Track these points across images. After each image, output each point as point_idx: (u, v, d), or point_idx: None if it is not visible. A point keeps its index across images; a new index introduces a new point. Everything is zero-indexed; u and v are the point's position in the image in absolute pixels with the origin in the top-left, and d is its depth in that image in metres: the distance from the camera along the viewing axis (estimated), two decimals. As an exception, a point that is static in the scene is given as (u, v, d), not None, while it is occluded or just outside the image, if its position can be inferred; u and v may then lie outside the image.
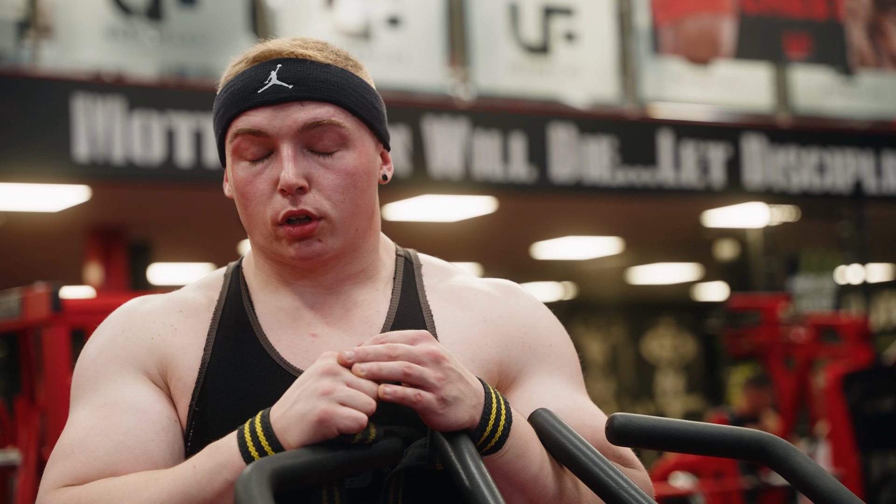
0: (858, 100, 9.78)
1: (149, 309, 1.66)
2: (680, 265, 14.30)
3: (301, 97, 1.56)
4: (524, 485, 1.52)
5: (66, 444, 1.56)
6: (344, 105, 1.58)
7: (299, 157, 1.56)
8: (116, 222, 8.58)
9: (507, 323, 1.66)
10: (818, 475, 1.50)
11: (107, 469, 1.52)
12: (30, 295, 3.77)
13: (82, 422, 1.57)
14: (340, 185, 1.58)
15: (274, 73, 1.57)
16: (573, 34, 8.54)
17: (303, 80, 1.57)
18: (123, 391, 1.58)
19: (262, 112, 1.57)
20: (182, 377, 1.60)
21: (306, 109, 1.56)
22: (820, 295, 8.36)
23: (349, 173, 1.58)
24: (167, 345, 1.62)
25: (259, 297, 1.66)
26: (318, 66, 1.59)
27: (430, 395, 1.43)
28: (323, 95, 1.57)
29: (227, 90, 1.61)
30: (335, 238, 1.59)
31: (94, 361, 1.62)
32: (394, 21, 7.94)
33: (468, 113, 7.87)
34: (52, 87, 6.73)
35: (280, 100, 1.56)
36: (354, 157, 1.59)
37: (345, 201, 1.58)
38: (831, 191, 9.13)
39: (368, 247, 1.66)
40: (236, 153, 1.59)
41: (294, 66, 1.58)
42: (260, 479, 1.30)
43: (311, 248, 1.58)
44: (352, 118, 1.59)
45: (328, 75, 1.59)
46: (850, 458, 6.91)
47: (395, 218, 8.80)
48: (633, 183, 8.35)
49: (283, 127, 1.56)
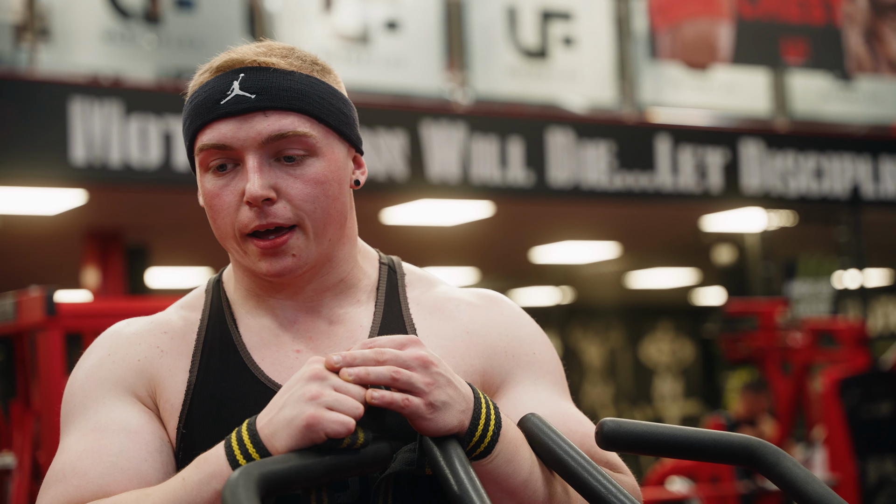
0: (856, 105, 9.79)
1: (134, 331, 1.65)
2: (678, 270, 14.30)
3: (264, 107, 1.54)
4: (514, 490, 1.51)
5: (58, 470, 1.55)
6: (308, 113, 1.56)
7: (265, 167, 1.54)
8: (114, 226, 8.57)
9: (490, 333, 1.66)
10: (808, 480, 1.50)
11: (100, 491, 1.52)
12: (24, 299, 3.76)
13: (73, 446, 1.56)
14: (310, 194, 1.55)
15: (236, 83, 1.55)
16: (571, 39, 8.54)
17: (265, 89, 1.54)
18: (113, 413, 1.58)
19: (225, 124, 1.54)
20: (169, 399, 1.60)
21: (270, 119, 1.54)
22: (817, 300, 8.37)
23: (318, 181, 1.56)
24: (154, 367, 1.61)
25: (241, 313, 1.65)
26: (281, 74, 1.56)
27: (418, 400, 1.42)
28: (286, 104, 1.54)
29: (192, 101, 1.58)
30: (308, 250, 1.57)
31: (83, 387, 1.61)
32: (392, 25, 7.94)
33: (466, 117, 7.87)
34: (50, 90, 6.72)
35: (242, 110, 1.54)
36: (322, 165, 1.57)
37: (315, 210, 1.56)
38: (829, 196, 9.13)
39: (344, 255, 1.64)
40: (202, 166, 1.58)
41: (257, 75, 1.55)
42: (247, 484, 1.30)
43: (284, 263, 1.56)
44: (318, 126, 1.57)
45: (291, 83, 1.56)
46: (846, 462, 6.91)
47: (392, 222, 8.80)
48: (630, 187, 8.35)
49: (248, 139, 1.54)
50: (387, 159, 7.46)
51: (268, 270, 1.57)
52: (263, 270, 1.57)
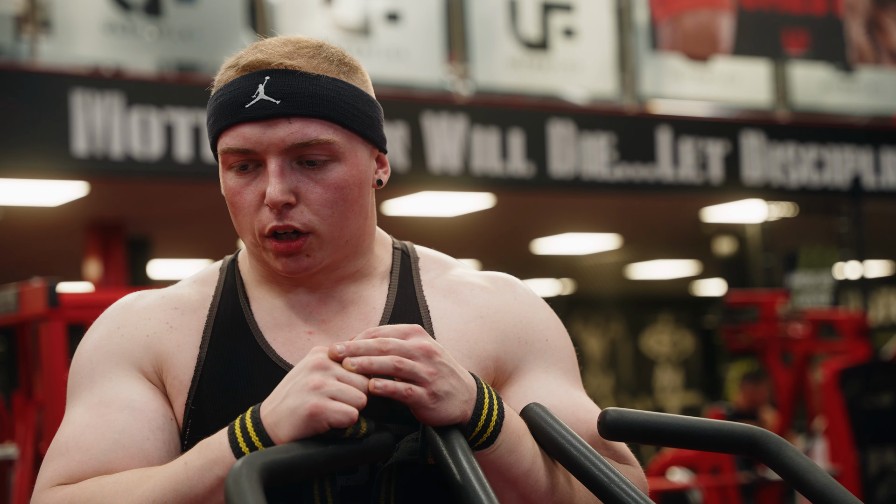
0: (857, 96, 9.78)
1: (144, 305, 1.65)
2: (678, 261, 14.30)
3: (288, 113, 1.53)
4: (516, 479, 1.51)
5: (62, 443, 1.56)
6: (333, 119, 1.55)
7: (287, 171, 1.54)
8: (115, 217, 8.58)
9: (504, 318, 1.65)
10: (810, 470, 1.50)
11: (102, 467, 1.52)
12: (26, 290, 3.77)
13: (78, 420, 1.57)
14: (329, 199, 1.56)
15: (262, 87, 1.54)
16: (572, 30, 8.54)
17: (291, 95, 1.53)
18: (119, 389, 1.58)
19: (249, 127, 1.54)
20: (178, 375, 1.60)
21: (294, 126, 1.53)
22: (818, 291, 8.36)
23: (338, 187, 1.56)
24: (162, 343, 1.61)
25: (255, 293, 1.66)
26: (307, 79, 1.55)
27: (421, 390, 1.43)
28: (311, 111, 1.54)
29: (217, 99, 1.58)
30: (323, 252, 1.58)
31: (90, 359, 1.61)
32: (393, 17, 7.94)
33: (467, 109, 7.87)
34: (51, 82, 6.73)
35: (267, 116, 1.53)
36: (344, 171, 1.57)
37: (333, 215, 1.56)
38: (830, 187, 9.13)
39: (363, 249, 1.65)
40: (225, 164, 1.58)
41: (282, 79, 1.54)
42: (250, 473, 1.30)
43: (299, 263, 1.58)
44: (342, 131, 1.56)
45: (317, 88, 1.55)
46: (847, 453, 6.92)
47: (393, 213, 8.80)
48: (631, 179, 8.35)
49: (271, 144, 1.54)
50: (388, 151, 7.45)
51: (284, 269, 1.58)
52: (279, 268, 1.58)
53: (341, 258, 1.62)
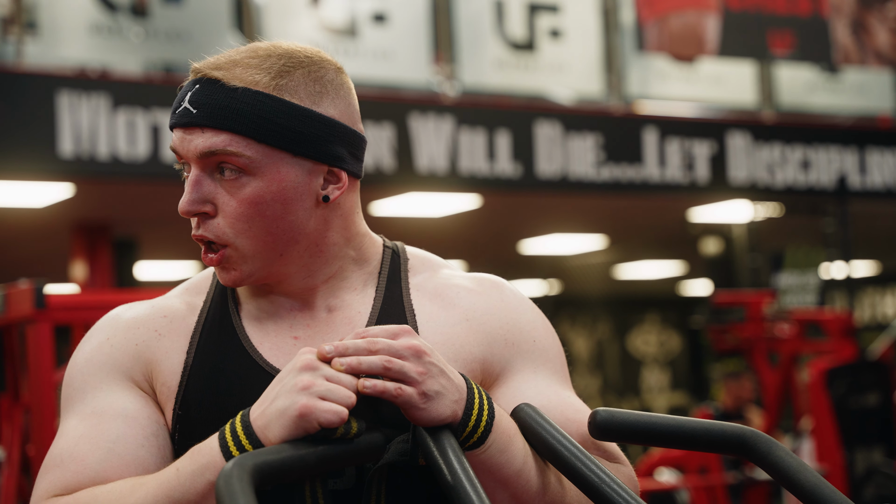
0: (842, 96, 9.81)
1: (133, 316, 1.66)
2: (665, 261, 14.32)
3: (201, 124, 1.55)
4: (507, 480, 1.51)
5: (56, 454, 1.56)
6: (243, 133, 1.54)
7: (205, 181, 1.57)
8: (101, 219, 8.55)
9: (490, 320, 1.65)
10: (800, 469, 1.51)
11: (97, 477, 1.52)
12: (13, 291, 3.76)
13: (71, 431, 1.57)
14: (243, 214, 1.56)
15: (189, 95, 1.57)
16: (558, 31, 8.54)
17: (205, 106, 1.55)
18: (111, 399, 1.59)
19: (177, 133, 1.58)
20: (166, 381, 1.60)
21: (205, 136, 1.55)
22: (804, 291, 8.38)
23: (252, 202, 1.55)
24: (151, 350, 1.62)
25: (244, 298, 1.66)
26: (225, 91, 1.55)
27: (410, 390, 1.42)
28: (219, 123, 1.54)
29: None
30: (249, 265, 1.58)
31: (82, 371, 1.62)
32: (379, 18, 7.94)
33: (454, 109, 7.87)
34: (37, 83, 6.71)
35: (185, 124, 1.56)
36: (259, 186, 1.55)
37: (250, 230, 1.56)
38: (815, 187, 9.15)
39: (328, 257, 1.63)
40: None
41: (204, 89, 1.56)
42: (241, 474, 1.30)
43: (229, 275, 1.60)
44: (256, 146, 1.54)
45: (232, 101, 1.54)
46: (834, 453, 6.94)
47: (380, 214, 8.79)
48: (618, 179, 8.36)
49: (188, 151, 1.57)
50: (374, 152, 7.46)
51: (220, 279, 1.61)
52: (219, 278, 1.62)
53: (291, 271, 1.61)
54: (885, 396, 7.19)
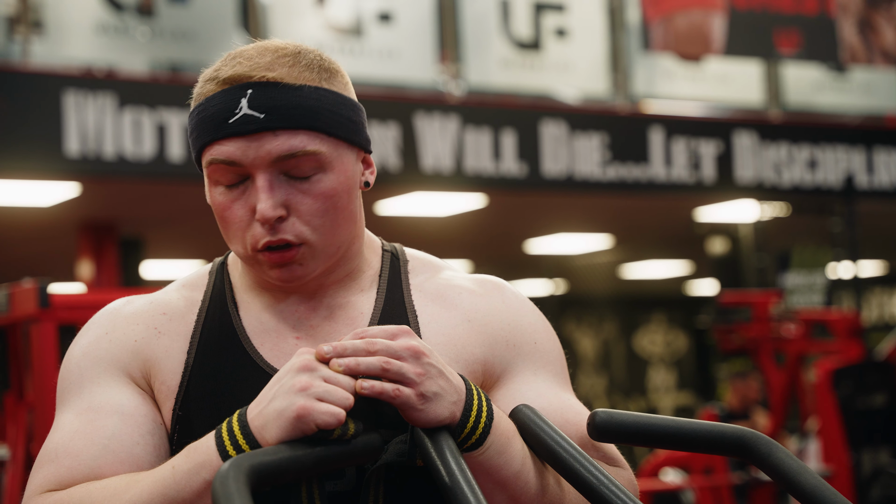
0: (850, 95, 9.79)
1: (132, 311, 1.65)
2: (671, 261, 14.31)
3: (273, 127, 1.51)
4: (506, 481, 1.51)
5: (51, 449, 1.55)
6: (318, 129, 1.53)
7: (276, 185, 1.53)
8: (108, 218, 8.56)
9: (492, 321, 1.65)
10: (800, 471, 1.50)
11: (91, 473, 1.51)
12: (17, 290, 3.76)
13: (66, 426, 1.56)
14: (320, 209, 1.54)
15: (244, 101, 1.51)
16: (564, 30, 8.54)
17: (274, 108, 1.51)
18: (108, 394, 1.57)
19: (234, 143, 1.52)
20: (165, 381, 1.59)
21: (280, 139, 1.51)
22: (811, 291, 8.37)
23: (328, 196, 1.54)
24: (150, 348, 1.61)
25: (243, 298, 1.65)
26: (290, 90, 1.53)
27: (409, 391, 1.42)
28: (296, 123, 1.52)
29: (199, 113, 1.56)
30: (316, 261, 1.57)
31: (78, 364, 1.61)
32: (385, 17, 7.93)
33: (459, 109, 7.86)
34: (43, 82, 6.71)
35: (251, 130, 1.51)
36: (333, 179, 1.55)
37: (325, 224, 1.55)
38: (822, 186, 9.14)
39: (353, 253, 1.64)
40: (211, 178, 1.57)
41: (265, 92, 1.52)
42: (237, 475, 1.30)
43: (293, 272, 1.56)
44: (328, 140, 1.54)
45: (300, 99, 1.53)
46: (840, 454, 6.92)
47: (386, 213, 8.79)
48: (624, 179, 8.35)
49: (257, 158, 1.51)
50: (380, 151, 7.46)
51: (278, 278, 1.57)
52: (274, 277, 1.57)
53: (334, 263, 1.61)
54: (892, 397, 7.17)
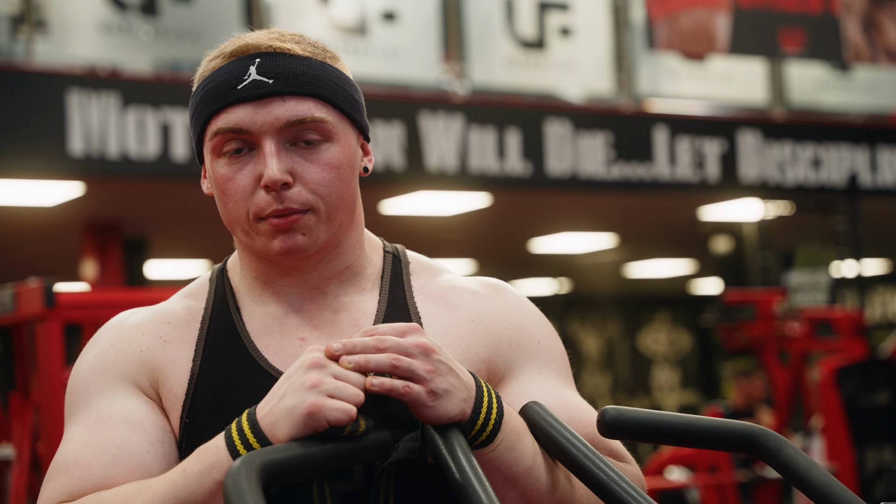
0: (853, 94, 9.79)
1: (136, 322, 1.65)
2: (675, 260, 14.30)
3: (282, 91, 1.54)
4: (517, 478, 1.51)
5: (61, 461, 1.55)
6: (325, 98, 1.56)
7: (282, 152, 1.54)
8: (112, 218, 8.57)
9: (495, 321, 1.65)
10: (810, 468, 1.50)
11: (102, 483, 1.52)
12: (23, 290, 3.76)
13: (76, 438, 1.57)
14: (325, 179, 1.56)
15: (253, 68, 1.55)
16: (568, 29, 8.53)
17: (283, 74, 1.55)
18: (116, 405, 1.58)
19: (242, 108, 1.54)
20: (172, 389, 1.59)
21: (288, 105, 1.54)
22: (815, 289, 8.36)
23: (333, 166, 1.56)
24: (157, 357, 1.61)
25: (245, 301, 1.65)
26: (298, 60, 1.56)
27: (419, 388, 1.42)
28: (304, 89, 1.55)
29: (205, 87, 1.58)
30: (318, 231, 1.57)
31: (86, 377, 1.61)
32: (389, 16, 7.93)
33: (464, 108, 7.86)
34: (47, 81, 6.71)
35: (260, 95, 1.54)
36: (337, 150, 1.57)
37: (330, 195, 1.56)
38: (826, 185, 9.13)
39: (352, 242, 1.65)
40: (215, 150, 1.57)
41: (273, 60, 1.55)
42: (249, 472, 1.30)
43: (295, 240, 1.56)
44: (333, 111, 1.57)
45: (308, 68, 1.56)
46: (844, 451, 6.92)
47: (390, 213, 8.79)
48: (628, 178, 8.35)
49: (265, 124, 1.54)
50: (384, 150, 7.46)
51: (280, 248, 1.56)
52: (276, 248, 1.56)
53: (333, 245, 1.61)
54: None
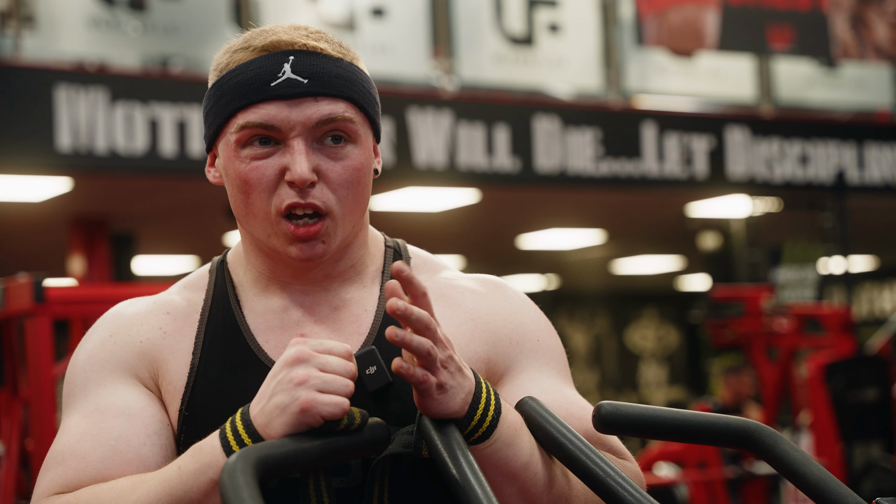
0: (841, 91, 9.81)
1: (136, 312, 1.64)
2: (663, 256, 14.32)
3: (316, 92, 1.54)
4: (514, 474, 1.51)
5: (58, 452, 1.55)
6: (355, 101, 1.57)
7: (310, 150, 1.54)
8: (99, 213, 8.55)
9: (494, 320, 1.65)
10: (805, 463, 1.50)
11: (98, 475, 1.51)
12: (12, 285, 3.75)
13: (73, 428, 1.56)
14: (347, 180, 1.56)
15: (287, 66, 1.55)
16: (557, 25, 8.54)
17: (318, 75, 1.55)
18: (114, 396, 1.57)
19: (274, 105, 1.54)
20: (172, 381, 1.59)
21: (320, 105, 1.54)
22: (802, 285, 8.38)
23: (356, 168, 1.57)
24: (156, 348, 1.60)
25: (247, 294, 1.64)
26: (331, 60, 1.57)
27: (433, 379, 1.42)
28: (337, 91, 1.55)
29: (233, 79, 1.56)
30: (336, 237, 1.57)
31: (84, 368, 1.60)
32: (378, 12, 7.93)
33: (452, 104, 7.86)
34: (35, 77, 6.69)
35: (295, 94, 1.54)
36: (360, 153, 1.58)
37: (348, 196, 1.56)
38: (814, 182, 9.15)
39: (359, 242, 1.65)
40: (240, 143, 1.56)
41: (308, 59, 1.55)
42: (245, 467, 1.29)
43: (314, 249, 1.56)
44: (360, 114, 1.58)
45: (340, 70, 1.57)
46: (832, 447, 6.94)
47: (379, 209, 8.79)
48: (616, 174, 8.36)
49: (298, 122, 1.54)
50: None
51: (298, 256, 1.56)
52: (294, 254, 1.56)
53: (343, 247, 1.61)
54: (884, 391, 7.20)
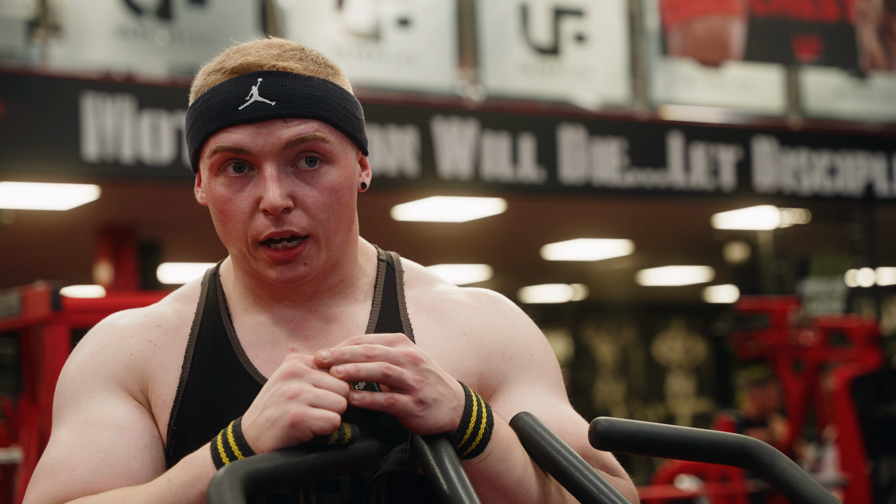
0: (870, 102, 9.75)
1: (126, 324, 1.63)
2: (690, 268, 14.27)
3: (284, 114, 1.51)
4: (507, 489, 1.49)
5: (47, 464, 1.54)
6: (328, 120, 1.53)
7: (283, 175, 1.52)
8: (126, 221, 8.59)
9: (487, 334, 1.64)
10: (803, 481, 1.48)
11: (88, 487, 1.50)
12: (30, 293, 3.77)
13: (63, 441, 1.55)
14: (325, 203, 1.53)
15: (255, 89, 1.51)
16: (583, 35, 8.52)
17: (285, 96, 1.51)
18: (104, 408, 1.56)
19: (243, 130, 1.51)
20: (161, 395, 1.58)
21: (290, 127, 1.51)
22: (830, 298, 8.33)
23: (333, 190, 1.54)
24: (146, 361, 1.60)
25: (237, 309, 1.64)
26: (300, 80, 1.53)
27: (406, 398, 1.40)
28: (307, 112, 1.52)
29: (205, 103, 1.55)
30: (318, 258, 1.55)
31: (74, 380, 1.59)
32: (404, 22, 7.94)
33: (478, 114, 7.86)
34: (62, 86, 6.74)
35: (262, 117, 1.50)
36: (338, 173, 1.55)
37: (329, 218, 1.54)
38: (842, 193, 9.10)
39: (348, 257, 1.63)
40: (214, 168, 1.54)
41: (275, 81, 1.52)
42: (232, 482, 1.29)
43: (295, 271, 1.54)
44: (335, 132, 1.54)
45: (311, 89, 1.53)
46: (858, 462, 6.89)
47: (403, 218, 8.79)
48: (642, 185, 8.33)
49: (266, 145, 1.51)
50: (398, 156, 7.45)
51: (278, 278, 1.55)
52: (274, 278, 1.55)
53: (330, 265, 1.60)
54: (911, 405, 7.14)
